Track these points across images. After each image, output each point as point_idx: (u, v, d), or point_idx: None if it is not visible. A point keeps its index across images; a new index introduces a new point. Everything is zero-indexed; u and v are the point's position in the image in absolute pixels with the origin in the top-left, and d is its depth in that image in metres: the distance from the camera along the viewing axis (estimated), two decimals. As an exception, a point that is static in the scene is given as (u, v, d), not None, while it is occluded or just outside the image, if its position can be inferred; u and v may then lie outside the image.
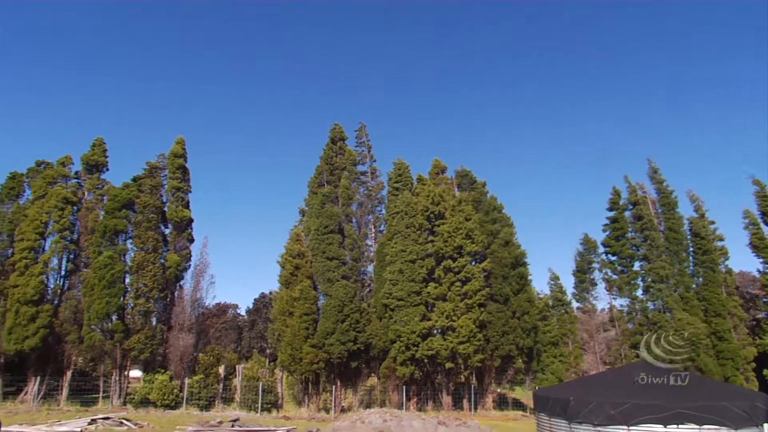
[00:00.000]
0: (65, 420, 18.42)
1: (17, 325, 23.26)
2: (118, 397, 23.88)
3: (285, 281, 25.24)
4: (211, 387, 24.18)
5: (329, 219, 25.55)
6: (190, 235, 26.23)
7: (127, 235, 24.78)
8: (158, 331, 24.22)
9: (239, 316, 49.22)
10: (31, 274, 23.89)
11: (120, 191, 24.95)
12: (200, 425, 17.00)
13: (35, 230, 24.56)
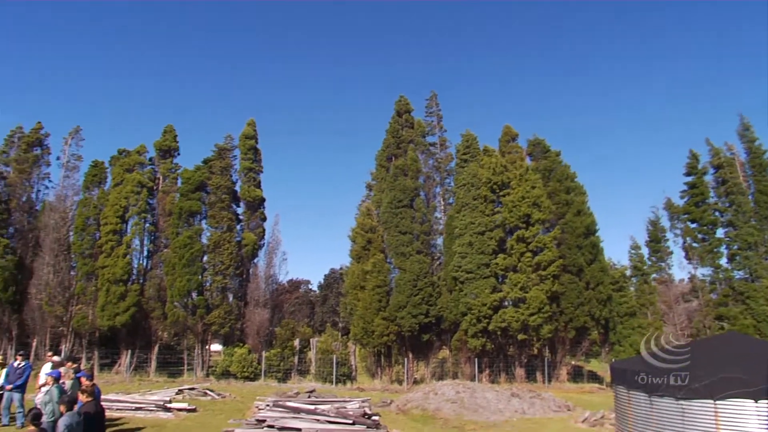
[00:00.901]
0: (155, 390, 20.03)
1: (108, 303, 25.33)
2: (201, 369, 25.69)
3: (356, 255, 26.17)
4: (288, 360, 25.59)
5: (402, 192, 26.22)
6: (262, 213, 27.62)
7: (201, 216, 26.35)
8: (235, 307, 25.78)
9: (311, 292, 51.35)
10: (117, 255, 25.87)
11: (192, 174, 26.47)
12: (278, 396, 17.93)
13: (116, 214, 26.46)
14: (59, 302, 26.12)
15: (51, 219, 27.33)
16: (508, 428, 14.49)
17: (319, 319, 43.85)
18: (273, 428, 12.37)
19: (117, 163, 28.79)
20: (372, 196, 28.65)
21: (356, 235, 26.62)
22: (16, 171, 28.59)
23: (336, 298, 40.02)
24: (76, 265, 27.20)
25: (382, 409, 16.99)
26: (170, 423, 14.37)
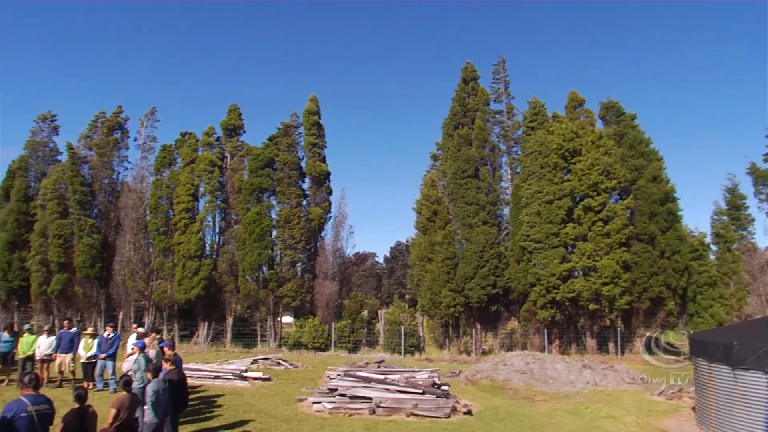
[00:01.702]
0: (231, 360, 21.30)
1: (184, 277, 27.15)
2: (274, 341, 27.21)
3: (422, 227, 26.76)
4: (357, 331, 26.69)
5: (466, 163, 26.49)
6: (328, 188, 28.64)
7: (270, 192, 27.58)
8: (305, 280, 26.94)
9: (377, 264, 52.84)
10: (191, 232, 27.60)
11: (261, 151, 27.72)
12: (349, 366, 18.51)
13: (188, 193, 28.16)
14: (140, 277, 28.26)
15: (129, 199, 29.50)
16: (580, 399, 14.60)
17: (386, 292, 45.13)
18: (345, 397, 13.02)
19: (184, 144, 30.47)
20: (438, 167, 29.00)
21: (421, 206, 27.15)
22: (99, 154, 30.82)
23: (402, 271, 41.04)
24: (153, 242, 29.17)
25: (451, 379, 17.41)
26: (247, 391, 15.36)
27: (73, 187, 29.34)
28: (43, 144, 33.57)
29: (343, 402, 12.79)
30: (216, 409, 12.93)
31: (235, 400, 13.92)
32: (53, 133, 34.05)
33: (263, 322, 28.10)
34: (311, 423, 11.55)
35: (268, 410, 12.76)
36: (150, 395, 7.91)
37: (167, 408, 8.24)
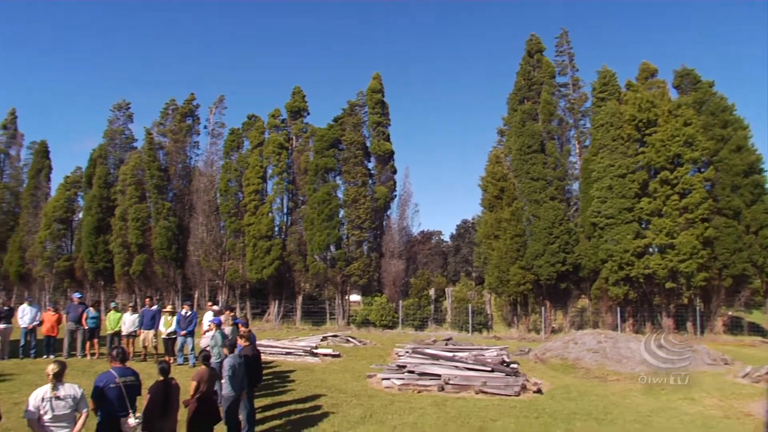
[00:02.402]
0: (302, 337, 22.38)
1: (255, 257, 28.61)
2: (342, 318, 28.31)
3: (488, 205, 26.96)
4: (424, 309, 27.32)
5: (531, 138, 26.39)
6: (392, 166, 29.29)
7: (336, 172, 28.47)
8: (372, 259, 27.77)
9: (443, 242, 53.52)
10: (261, 213, 29.00)
11: (326, 132, 28.63)
12: (416, 343, 18.70)
13: (257, 175, 29.54)
14: (214, 258, 30.03)
15: (201, 183, 31.24)
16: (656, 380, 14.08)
17: (452, 270, 45.66)
18: (413, 374, 13.26)
19: (252, 127, 31.83)
20: (504, 143, 28.96)
21: (487, 183, 27.32)
22: (172, 141, 32.78)
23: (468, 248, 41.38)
24: (224, 224, 30.83)
25: (520, 357, 17.50)
26: (318, 367, 16.01)
27: (151, 172, 31.43)
28: (120, 132, 35.95)
29: (412, 379, 13.03)
30: (289, 383, 13.45)
31: (307, 376, 14.46)
32: (128, 121, 36.47)
33: (331, 300, 29.30)
34: (381, 399, 11.83)
35: (339, 386, 13.17)
36: (227, 369, 8.32)
37: (243, 382, 8.63)
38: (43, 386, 5.69)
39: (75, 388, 5.81)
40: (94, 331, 16.20)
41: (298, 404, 11.25)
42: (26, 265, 36.18)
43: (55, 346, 16.45)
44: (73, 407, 5.69)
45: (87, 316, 16.08)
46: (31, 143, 40.45)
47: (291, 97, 32.14)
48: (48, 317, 16.34)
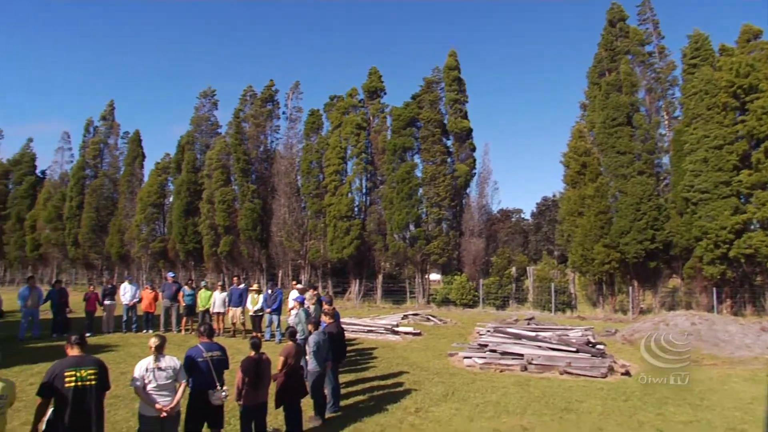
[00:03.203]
0: (382, 315, 23.27)
1: (336, 237, 29.94)
2: (422, 297, 29.13)
3: (571, 181, 26.73)
4: (505, 288, 27.58)
5: (616, 110, 25.85)
6: (471, 144, 29.63)
7: (414, 151, 29.15)
8: (452, 237, 28.31)
9: (523, 221, 53.46)
10: (340, 193, 30.24)
11: (402, 110, 29.33)
12: (498, 322, 18.91)
13: (338, 156, 30.80)
14: (296, 238, 31.70)
15: (281, 166, 32.87)
16: (758, 366, 13.57)
17: (533, 248, 45.57)
18: (495, 353, 13.43)
19: (332, 108, 33.06)
20: (585, 117, 28.45)
21: (569, 159, 27.06)
22: (253, 126, 34.67)
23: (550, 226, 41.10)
24: (305, 205, 32.36)
25: (606, 338, 17.34)
26: (399, 345, 16.51)
27: (236, 155, 33.46)
28: (206, 119, 38.44)
29: (494, 358, 13.21)
30: (371, 360, 13.96)
31: (388, 353, 14.93)
32: (213, 108, 38.87)
33: (411, 279, 30.19)
34: (463, 377, 12.02)
35: (420, 363, 13.52)
36: (312, 346, 8.75)
37: (328, 358, 9.04)
38: (146, 358, 6.25)
39: (174, 360, 6.35)
40: (191, 308, 17.61)
41: (380, 381, 11.69)
42: (125, 247, 39.74)
43: (153, 321, 18.24)
44: (173, 377, 6.23)
45: (183, 294, 17.66)
46: (125, 133, 43.97)
47: (368, 77, 33.14)
48: (146, 295, 18.13)
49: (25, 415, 8.19)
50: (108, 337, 16.72)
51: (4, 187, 50.39)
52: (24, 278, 39.84)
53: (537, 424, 8.63)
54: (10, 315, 18.65)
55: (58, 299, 17.28)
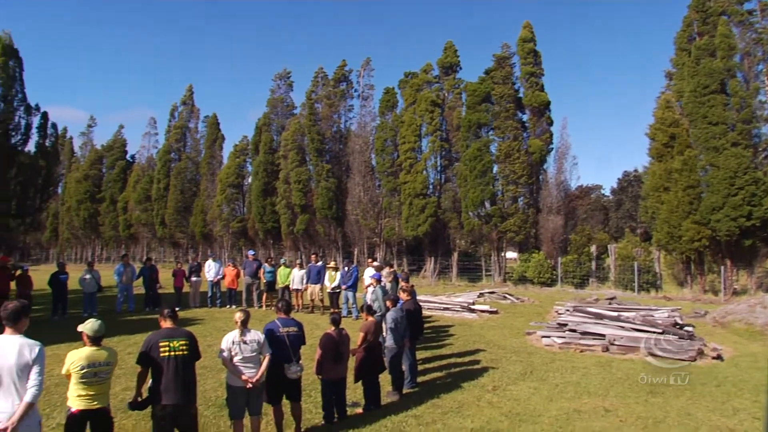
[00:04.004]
0: (458, 293, 23.53)
1: (411, 215, 30.54)
2: (498, 275, 29.26)
3: (657, 154, 25.88)
4: (584, 266, 27.21)
5: (708, 77, 24.63)
6: (548, 118, 29.19)
7: (488, 127, 29.05)
8: (529, 215, 28.20)
9: (603, 197, 52.11)
10: (415, 171, 30.79)
11: (477, 86, 29.32)
12: (577, 301, 18.70)
13: (413, 133, 31.27)
14: (371, 216, 32.62)
15: (356, 144, 33.73)
16: None
17: (613, 225, 44.48)
18: (575, 332, 13.23)
19: (406, 85, 33.50)
20: (672, 86, 27.23)
21: (655, 131, 26.12)
22: (327, 106, 35.71)
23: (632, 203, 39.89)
24: (380, 183, 33.15)
25: (695, 320, 16.80)
26: (475, 323, 16.58)
27: (310, 136, 34.67)
28: (281, 100, 39.98)
29: (574, 337, 13.04)
30: (447, 338, 14.06)
31: (465, 331, 14.97)
32: (289, 89, 40.41)
33: (487, 256, 30.37)
34: (541, 356, 11.95)
35: (497, 341, 13.56)
36: (389, 322, 8.93)
37: (405, 335, 9.21)
38: (233, 331, 6.56)
39: (258, 334, 6.65)
40: (271, 285, 18.35)
41: (457, 358, 11.80)
42: (208, 226, 42.39)
43: (236, 297, 19.34)
44: (258, 351, 6.54)
45: (264, 271, 18.56)
46: (205, 117, 46.48)
47: (443, 52, 33.28)
48: (229, 272, 19.24)
49: (125, 381, 9.08)
50: (194, 312, 17.85)
51: (98, 172, 54.88)
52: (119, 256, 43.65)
53: (620, 406, 8.44)
54: (108, 290, 20.19)
55: (149, 275, 18.81)
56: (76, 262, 52.69)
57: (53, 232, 60.50)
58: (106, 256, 54.41)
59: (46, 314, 16.66)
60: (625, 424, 7.63)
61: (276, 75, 40.30)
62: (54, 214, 58.40)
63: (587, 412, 8.07)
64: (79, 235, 57.05)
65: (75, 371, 5.12)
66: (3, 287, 15.22)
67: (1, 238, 34.85)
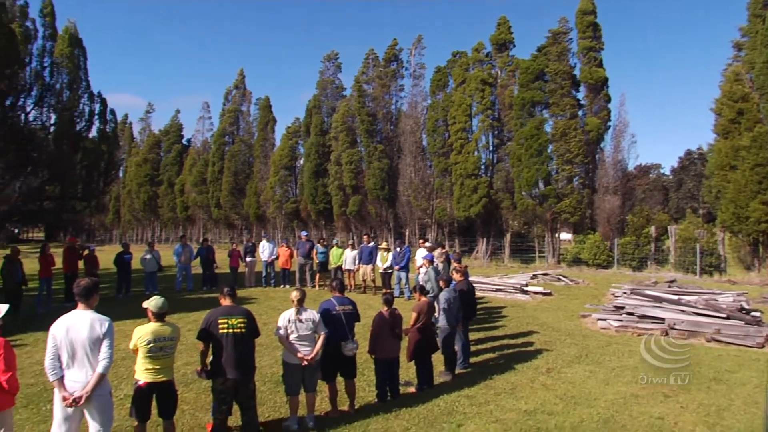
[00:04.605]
0: (511, 274, 23.45)
1: (463, 195, 30.57)
2: (552, 257, 28.98)
3: (723, 131, 24.89)
4: (642, 248, 26.59)
5: (783, 47, 23.31)
6: (606, 95, 28.44)
7: (543, 105, 28.58)
8: (584, 195, 27.71)
9: (663, 177, 50.70)
10: (467, 151, 30.70)
11: (530, 63, 28.85)
12: (635, 284, 18.24)
13: (464, 113, 31.13)
14: (422, 197, 32.85)
15: (407, 125, 33.89)
16: None
17: (673, 206, 43.15)
18: (632, 315, 13.00)
19: (455, 65, 33.31)
20: (742, 57, 25.96)
21: (722, 106, 25.07)
22: (378, 86, 35.97)
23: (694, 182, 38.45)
24: (431, 163, 33.25)
25: (764, 305, 15.84)
26: (528, 304, 16.53)
27: (360, 117, 35.03)
28: (331, 82, 40.49)
29: (631, 321, 12.85)
30: (500, 319, 14.11)
31: (518, 313, 15.00)
32: (337, 71, 40.79)
33: (540, 238, 30.08)
34: (597, 339, 11.81)
35: (551, 324, 13.49)
36: (442, 303, 8.99)
37: (459, 315, 9.27)
38: (289, 310, 6.84)
39: (314, 313, 6.88)
40: (324, 265, 18.81)
41: (510, 339, 11.84)
42: (261, 208, 43.67)
43: (289, 277, 19.92)
44: (313, 329, 6.77)
45: (317, 252, 19.02)
46: (257, 99, 47.53)
47: (496, 29, 32.74)
48: (282, 252, 19.94)
49: (186, 357, 9.64)
50: (250, 291, 18.43)
51: (156, 156, 57.21)
52: (177, 237, 45.62)
53: (680, 392, 8.18)
54: (167, 269, 21.11)
55: (206, 256, 19.72)
56: (137, 243, 55.33)
57: (115, 214, 63.75)
58: (165, 237, 56.95)
59: (111, 292, 17.65)
60: (686, 410, 7.44)
61: (324, 56, 40.83)
62: (116, 197, 61.43)
63: (645, 397, 7.91)
64: (139, 217, 59.87)
65: (142, 346, 5.50)
66: (72, 266, 16.45)
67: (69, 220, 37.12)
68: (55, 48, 22.38)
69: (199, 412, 7.27)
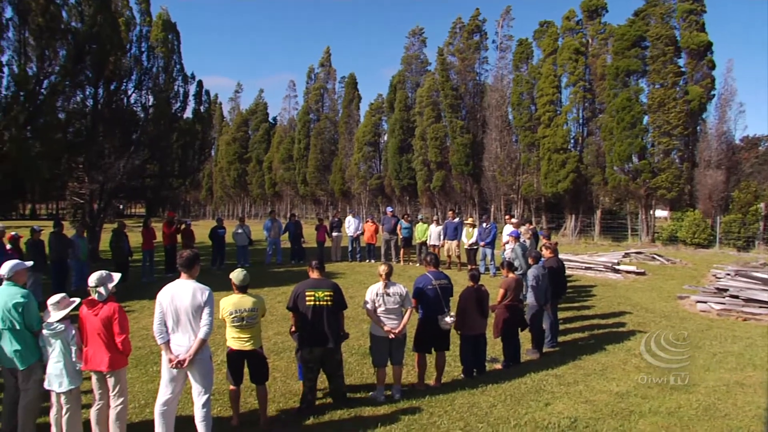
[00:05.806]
0: (601, 252, 22.95)
1: (550, 171, 30.13)
2: (646, 235, 28.09)
3: None
4: (749, 226, 25.18)
5: None
6: (710, 61, 26.84)
7: (639, 74, 27.39)
8: (683, 170, 26.51)
9: None
10: (555, 125, 30.15)
11: (626, 29, 27.66)
12: (740, 265, 17.58)
13: (551, 85, 30.61)
14: (508, 172, 32.70)
15: (492, 99, 33.71)
16: None
17: (787, 181, 39.93)
18: (736, 299, 12.52)
19: (543, 35, 32.60)
20: None
21: None
22: (461, 59, 35.88)
23: (812, 155, 35.53)
24: (517, 138, 32.90)
25: None
26: (620, 284, 16.12)
27: (444, 92, 35.22)
28: (416, 57, 40.75)
29: (735, 304, 12.38)
30: (590, 299, 13.89)
31: (608, 292, 14.68)
32: (422, 45, 40.97)
33: (633, 215, 29.15)
34: (696, 322, 11.40)
35: (645, 305, 13.13)
36: (531, 280, 9.02)
37: (548, 293, 9.25)
38: (376, 283, 6.99)
39: (401, 287, 7.00)
40: (408, 240, 19.34)
41: (600, 319, 11.65)
42: (346, 184, 45.00)
43: (375, 252, 20.49)
44: (400, 303, 6.93)
45: (401, 227, 19.54)
46: (342, 77, 48.66)
47: (591, -5, 31.47)
48: (368, 227, 20.43)
49: (276, 327, 10.28)
50: (336, 265, 19.06)
51: (245, 134, 60.10)
52: (266, 212, 47.97)
53: None
54: (257, 243, 22.37)
55: (294, 230, 20.71)
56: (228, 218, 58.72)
57: (208, 190, 67.81)
58: (255, 213, 60.05)
59: (206, 264, 18.57)
60: (800, 403, 6.90)
61: (410, 32, 40.87)
62: (209, 174, 65.13)
63: (752, 386, 7.39)
64: (230, 193, 63.30)
65: (226, 316, 6.00)
66: (171, 240, 18.04)
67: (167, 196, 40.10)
68: (150, 33, 24.15)
69: (290, 379, 7.83)
